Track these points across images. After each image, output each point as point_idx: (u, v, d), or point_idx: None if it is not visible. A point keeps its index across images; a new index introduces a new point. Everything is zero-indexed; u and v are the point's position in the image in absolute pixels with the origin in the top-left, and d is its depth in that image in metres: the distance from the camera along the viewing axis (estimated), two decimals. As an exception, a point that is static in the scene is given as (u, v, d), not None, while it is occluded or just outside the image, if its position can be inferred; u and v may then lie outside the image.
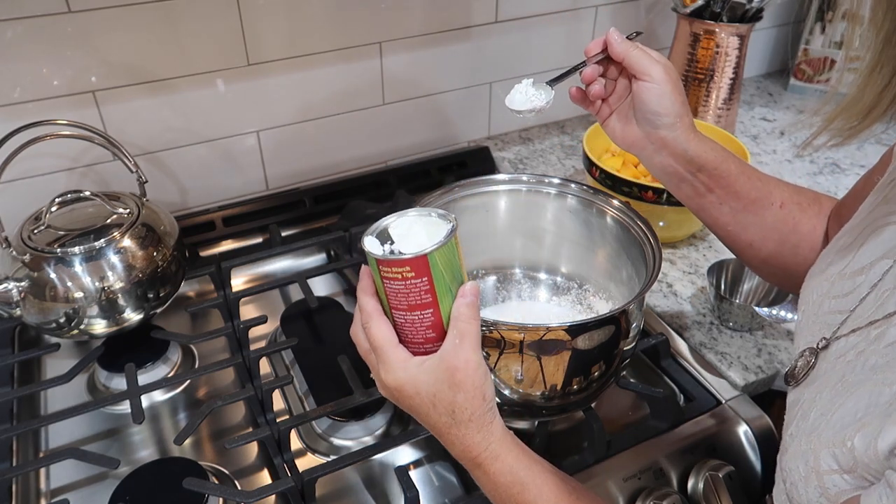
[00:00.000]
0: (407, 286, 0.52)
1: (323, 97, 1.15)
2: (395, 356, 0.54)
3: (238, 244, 1.10)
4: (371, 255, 0.53)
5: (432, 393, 0.53)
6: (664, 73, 0.67)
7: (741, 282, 0.95)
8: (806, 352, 0.53)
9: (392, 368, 0.54)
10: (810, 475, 0.44)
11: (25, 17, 0.90)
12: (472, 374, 0.52)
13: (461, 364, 0.52)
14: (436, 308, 0.53)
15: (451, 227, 0.53)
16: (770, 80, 1.62)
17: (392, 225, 0.56)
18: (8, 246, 0.83)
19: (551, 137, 1.38)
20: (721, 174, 0.70)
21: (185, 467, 0.75)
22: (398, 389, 0.54)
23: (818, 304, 0.55)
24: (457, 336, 0.53)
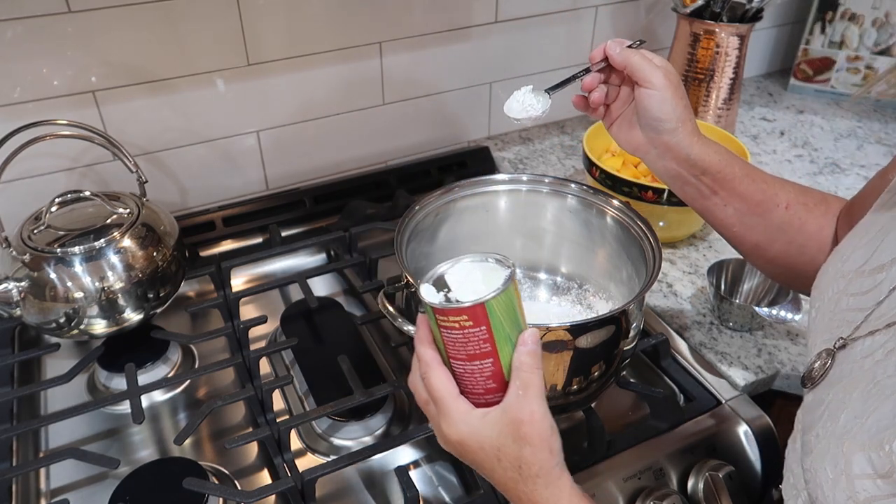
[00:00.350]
0: (465, 335, 0.50)
1: (323, 97, 1.15)
2: (456, 408, 0.52)
3: (238, 244, 1.10)
4: (427, 303, 0.51)
5: (497, 447, 0.51)
6: (665, 78, 0.67)
7: (741, 282, 0.95)
8: (822, 353, 0.53)
9: (454, 421, 0.52)
10: (839, 478, 0.44)
11: (25, 17, 0.90)
12: (539, 427, 0.50)
13: (526, 417, 0.50)
14: (496, 357, 0.51)
15: (508, 274, 0.51)
16: (770, 80, 1.62)
17: (448, 272, 0.53)
18: (8, 246, 0.83)
19: (551, 137, 1.38)
20: (725, 177, 0.70)
21: (185, 467, 0.75)
22: (461, 443, 0.52)
23: (835, 302, 0.55)
24: (520, 387, 0.51)
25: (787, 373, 0.86)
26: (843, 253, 0.58)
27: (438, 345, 0.53)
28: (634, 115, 0.71)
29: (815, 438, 0.49)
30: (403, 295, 0.77)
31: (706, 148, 0.70)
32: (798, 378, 0.85)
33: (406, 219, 0.78)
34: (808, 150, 1.34)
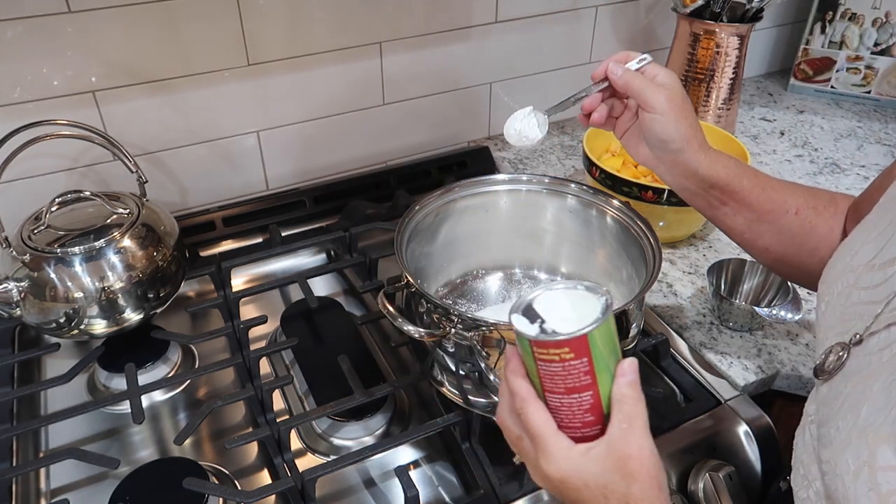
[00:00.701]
0: (565, 368, 0.47)
1: (323, 97, 1.15)
2: (556, 445, 0.49)
3: (238, 244, 1.10)
4: (523, 335, 0.48)
5: (603, 485, 0.48)
6: (667, 102, 0.67)
7: (741, 282, 0.95)
8: (836, 346, 0.53)
9: (555, 458, 0.49)
10: (861, 470, 0.44)
11: (25, 17, 0.90)
12: (647, 463, 0.48)
13: (634, 452, 0.48)
14: (595, 389, 0.49)
15: (605, 302, 0.49)
16: (770, 80, 1.62)
17: (536, 300, 0.51)
18: (8, 246, 0.83)
19: (551, 137, 1.38)
20: (734, 189, 0.71)
21: (185, 467, 0.75)
22: (563, 481, 0.49)
23: (845, 296, 0.55)
24: (623, 420, 0.48)
25: (787, 373, 0.86)
26: (850, 247, 0.58)
27: (532, 378, 0.50)
28: (640, 132, 0.72)
29: (834, 431, 0.48)
30: (403, 295, 0.77)
31: (714, 163, 0.70)
32: (798, 378, 0.85)
33: (406, 219, 0.78)
34: (808, 150, 1.34)
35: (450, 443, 0.80)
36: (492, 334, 0.65)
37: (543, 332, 0.48)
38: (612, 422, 0.49)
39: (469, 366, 0.69)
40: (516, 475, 0.76)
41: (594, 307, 0.49)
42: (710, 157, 0.70)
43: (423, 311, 0.71)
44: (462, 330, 0.66)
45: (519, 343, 0.50)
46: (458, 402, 0.75)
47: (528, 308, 0.50)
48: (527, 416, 0.50)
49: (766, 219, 0.71)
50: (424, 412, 0.85)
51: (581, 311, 0.49)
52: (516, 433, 0.53)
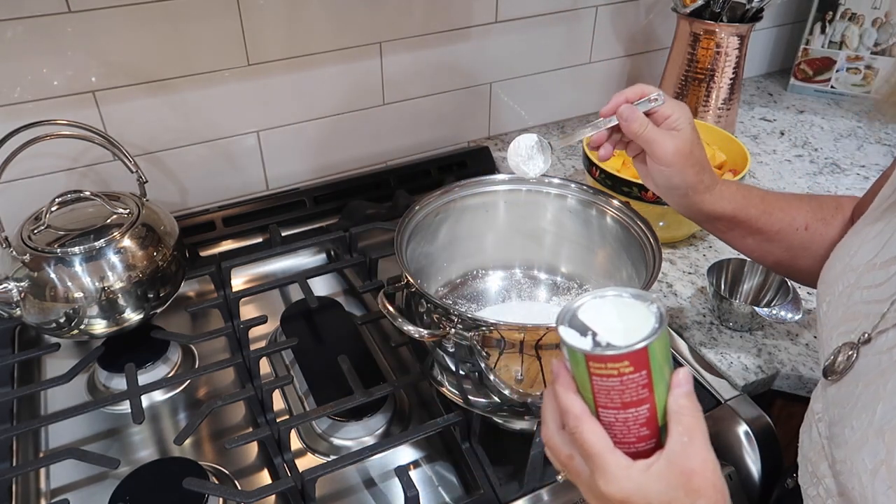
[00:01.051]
0: (623, 382, 0.45)
1: (323, 97, 1.15)
2: (615, 463, 0.47)
3: (238, 244, 1.10)
4: (576, 350, 0.45)
5: (666, 502, 0.46)
6: (674, 154, 0.68)
7: (741, 282, 0.95)
8: (845, 346, 0.52)
9: (615, 477, 0.47)
10: (879, 468, 0.44)
11: (25, 17, 0.90)
12: (712, 477, 0.46)
13: (698, 466, 0.46)
14: (652, 402, 0.46)
15: (658, 310, 0.46)
16: (770, 80, 1.62)
17: (581, 310, 0.48)
18: (8, 246, 0.83)
19: (551, 137, 1.37)
20: (740, 220, 0.72)
21: (185, 467, 0.75)
22: (624, 501, 0.47)
23: (847, 295, 0.55)
24: (684, 433, 0.46)
25: (787, 373, 0.86)
26: (849, 248, 0.58)
27: (584, 393, 0.48)
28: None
29: (849, 431, 0.48)
30: (403, 295, 0.77)
31: (719, 199, 0.71)
32: (798, 378, 0.85)
33: (406, 219, 0.78)
34: (808, 150, 1.34)
35: (450, 443, 0.80)
36: (492, 334, 0.65)
37: (598, 346, 0.45)
38: (670, 435, 0.46)
39: (469, 366, 0.69)
40: (516, 475, 0.76)
41: (644, 315, 0.46)
42: (715, 194, 0.71)
43: (423, 311, 0.71)
44: (462, 330, 0.66)
45: (570, 357, 0.47)
46: (458, 402, 0.75)
47: (573, 319, 0.48)
48: (583, 434, 0.47)
49: (776, 238, 0.72)
50: (424, 412, 0.85)
51: (629, 320, 0.46)
52: (566, 452, 0.50)
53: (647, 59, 1.44)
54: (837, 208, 0.72)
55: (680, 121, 0.69)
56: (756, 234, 0.73)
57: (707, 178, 0.70)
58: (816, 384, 0.85)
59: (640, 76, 1.46)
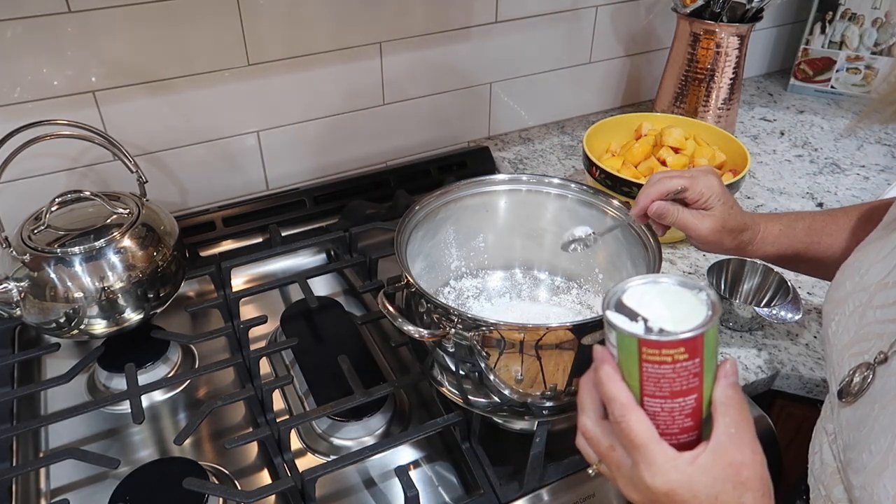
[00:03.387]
0: (675, 370, 0.44)
1: (323, 97, 1.15)
2: (662, 454, 0.45)
3: (238, 244, 1.10)
4: (629, 335, 0.44)
5: (714, 495, 0.45)
6: (711, 233, 0.71)
7: (741, 282, 0.95)
8: (861, 367, 0.51)
9: (662, 469, 0.45)
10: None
11: (25, 17, 0.90)
12: (760, 470, 0.45)
13: (747, 458, 0.45)
14: (700, 392, 0.45)
15: (708, 297, 0.45)
16: (770, 80, 1.62)
17: (626, 295, 0.47)
18: (8, 246, 0.83)
19: (551, 137, 1.38)
20: (788, 255, 0.75)
21: (185, 467, 0.75)
22: (669, 494, 0.45)
23: (859, 315, 0.54)
24: (731, 424, 0.45)
25: (787, 373, 0.86)
26: (857, 267, 0.57)
27: (630, 381, 0.46)
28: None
29: (867, 456, 0.47)
30: (403, 295, 0.77)
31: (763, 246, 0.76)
32: (798, 378, 0.85)
33: (406, 219, 0.78)
34: (808, 150, 1.34)
35: (450, 443, 0.80)
36: (492, 334, 0.65)
37: (651, 331, 0.44)
38: (717, 426, 0.45)
39: (469, 366, 0.69)
40: (516, 475, 0.76)
41: (691, 303, 0.45)
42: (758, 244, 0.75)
43: (423, 311, 0.71)
44: (462, 330, 0.66)
45: (619, 343, 0.45)
46: (458, 402, 0.75)
47: (619, 304, 0.46)
48: (629, 423, 0.46)
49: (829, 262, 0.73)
50: (424, 412, 0.85)
51: (676, 307, 0.45)
52: (607, 443, 0.49)
53: (647, 59, 1.44)
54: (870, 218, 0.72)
55: (711, 199, 0.71)
56: (807, 262, 0.76)
57: (748, 236, 0.74)
58: (817, 386, 0.85)
59: (640, 76, 1.46)
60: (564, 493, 0.74)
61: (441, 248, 0.86)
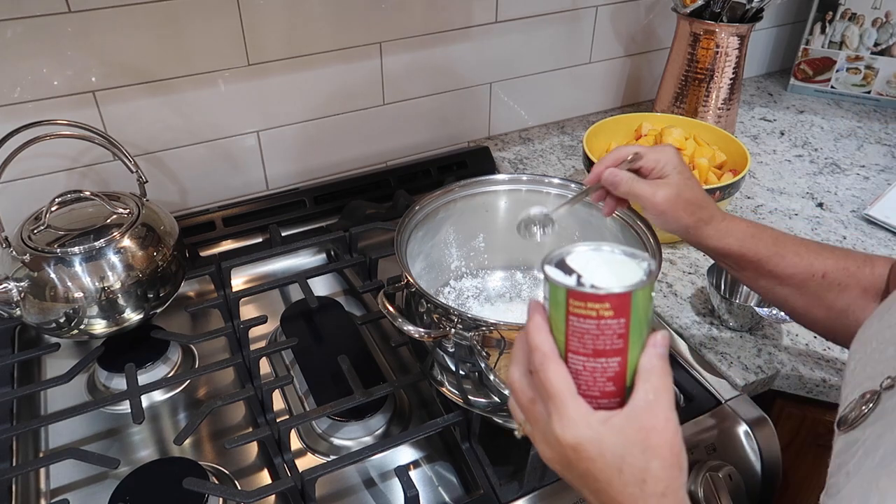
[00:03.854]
0: (599, 327, 0.44)
1: (323, 97, 1.15)
2: (576, 408, 0.45)
3: (238, 244, 1.10)
4: (558, 284, 0.44)
5: (620, 456, 0.44)
6: (664, 202, 0.69)
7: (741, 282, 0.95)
8: (867, 394, 0.49)
9: (572, 422, 0.45)
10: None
11: (25, 17, 0.90)
12: (672, 439, 0.45)
13: (659, 424, 0.45)
14: (624, 357, 0.45)
15: (648, 266, 0.45)
16: (770, 80, 1.62)
17: (570, 256, 0.47)
18: (8, 246, 0.83)
19: (551, 137, 1.38)
20: (749, 259, 0.71)
21: (185, 467, 0.75)
22: (576, 448, 0.46)
23: (880, 351, 0.52)
24: (650, 391, 0.45)
25: (787, 373, 0.86)
26: (888, 307, 0.55)
27: (557, 335, 0.46)
28: None
29: (844, 477, 0.46)
30: (403, 295, 0.77)
31: (725, 236, 0.70)
32: (798, 378, 0.85)
33: (406, 219, 0.78)
34: (808, 151, 1.34)
35: (450, 443, 0.80)
36: (492, 334, 0.65)
37: (581, 285, 0.44)
38: (636, 391, 0.45)
39: (469, 366, 0.69)
40: (516, 475, 0.76)
41: (634, 271, 0.45)
42: (721, 230, 0.71)
43: (423, 311, 0.71)
44: (462, 330, 0.66)
45: (550, 295, 0.46)
46: (458, 402, 0.75)
47: (561, 262, 0.46)
48: (546, 373, 0.46)
49: (789, 282, 0.70)
50: (424, 412, 0.85)
51: (618, 273, 0.45)
52: (529, 395, 0.49)
53: (647, 59, 1.44)
54: (866, 262, 0.68)
55: (666, 167, 0.70)
56: (767, 276, 0.71)
57: (705, 214, 0.71)
58: (817, 386, 0.85)
59: (640, 76, 1.46)
60: (564, 493, 0.74)
61: (441, 248, 0.86)
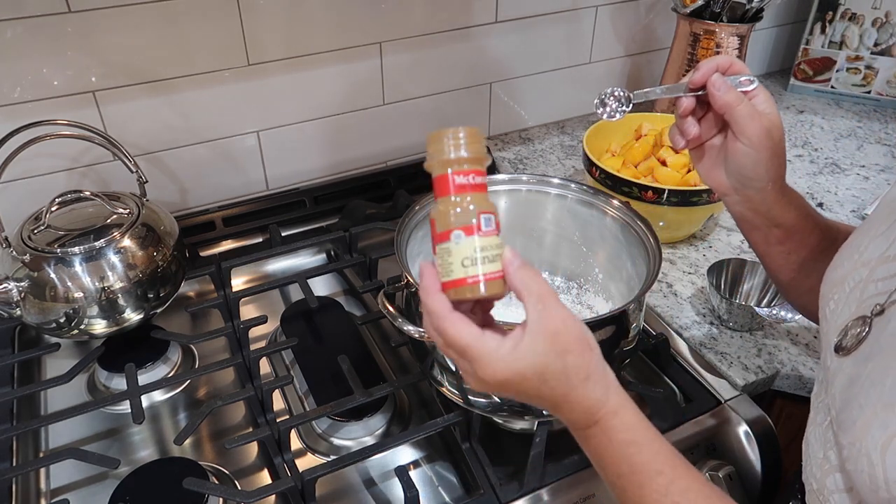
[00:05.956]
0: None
1: (323, 97, 1.15)
2: (485, 350, 0.48)
3: (238, 244, 1.10)
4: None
5: (540, 371, 0.48)
6: (765, 138, 0.62)
7: (741, 282, 0.95)
8: (858, 320, 0.50)
9: (488, 364, 0.48)
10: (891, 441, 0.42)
11: (25, 17, 0.90)
12: (575, 331, 0.49)
13: (559, 326, 0.48)
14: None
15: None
16: (770, 80, 1.62)
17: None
18: (8, 246, 0.83)
19: (551, 137, 1.38)
20: (798, 231, 0.68)
21: (185, 467, 0.75)
22: (504, 384, 0.49)
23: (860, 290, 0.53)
24: (537, 302, 0.48)
25: (787, 373, 0.86)
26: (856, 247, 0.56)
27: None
28: (722, 158, 0.66)
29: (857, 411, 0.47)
30: (403, 295, 0.77)
31: (788, 205, 0.67)
32: (798, 378, 0.85)
33: (406, 219, 0.78)
34: (808, 150, 1.34)
35: (450, 443, 0.80)
36: (492, 334, 0.65)
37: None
38: (526, 307, 0.48)
39: (469, 366, 0.69)
40: (516, 475, 0.76)
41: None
42: (786, 199, 0.67)
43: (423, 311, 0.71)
44: (462, 330, 0.66)
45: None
46: (458, 402, 0.75)
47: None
48: (446, 333, 0.49)
49: (820, 257, 0.68)
50: (424, 412, 0.85)
51: None
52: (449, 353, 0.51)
53: (647, 59, 1.44)
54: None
55: (771, 108, 0.63)
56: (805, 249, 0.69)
57: (784, 175, 0.66)
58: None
59: (640, 76, 1.46)
60: (564, 493, 0.74)
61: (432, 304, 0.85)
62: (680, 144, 0.68)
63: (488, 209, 0.48)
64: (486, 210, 0.48)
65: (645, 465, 0.51)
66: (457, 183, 0.48)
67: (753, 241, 0.72)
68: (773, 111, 0.63)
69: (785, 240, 0.69)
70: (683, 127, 0.66)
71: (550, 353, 0.48)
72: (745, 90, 0.63)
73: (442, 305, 0.49)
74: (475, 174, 0.48)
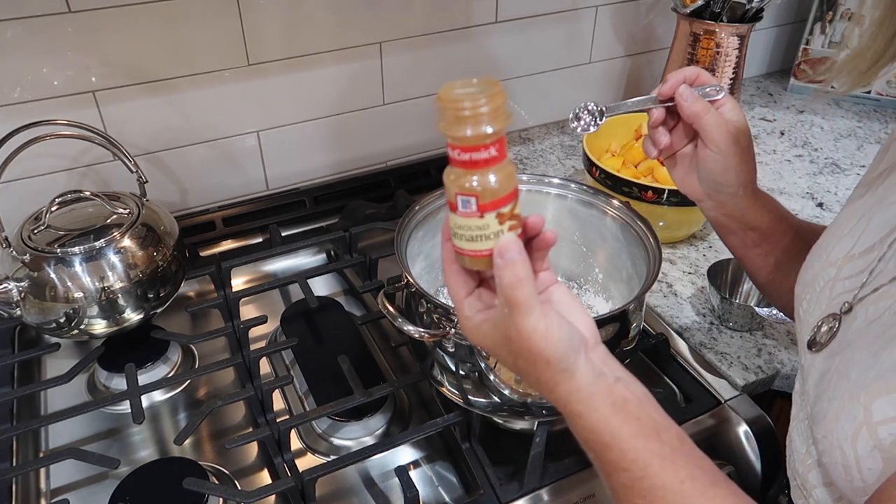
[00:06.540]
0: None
1: (323, 97, 1.15)
2: (460, 314, 0.52)
3: (238, 244, 1.10)
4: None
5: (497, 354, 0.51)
6: (733, 144, 0.64)
7: (741, 282, 0.95)
8: (829, 317, 0.52)
9: (461, 323, 0.52)
10: (860, 430, 0.43)
11: (25, 17, 0.90)
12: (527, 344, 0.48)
13: (513, 335, 0.48)
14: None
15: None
16: (770, 80, 1.62)
17: None
18: (8, 246, 0.83)
19: (551, 137, 1.38)
20: (773, 234, 0.70)
21: (185, 467, 0.75)
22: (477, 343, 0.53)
23: (829, 289, 0.54)
24: (505, 305, 0.48)
25: (787, 373, 0.86)
26: (825, 247, 0.58)
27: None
28: (694, 164, 0.68)
29: (827, 403, 0.48)
30: (403, 295, 0.77)
31: (761, 210, 0.68)
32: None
33: (406, 219, 0.78)
34: (808, 150, 1.34)
35: (450, 443, 0.80)
36: (492, 334, 0.65)
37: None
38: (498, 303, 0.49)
39: (469, 366, 0.69)
40: (516, 475, 0.76)
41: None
42: (759, 203, 0.68)
43: (423, 311, 0.71)
44: (462, 330, 0.66)
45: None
46: (458, 402, 0.75)
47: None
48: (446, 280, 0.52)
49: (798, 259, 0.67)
50: (424, 412, 0.85)
51: None
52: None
53: (647, 59, 1.44)
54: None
55: (737, 115, 0.66)
56: (781, 252, 0.70)
57: (754, 179, 0.68)
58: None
59: (640, 76, 1.46)
60: (564, 493, 0.74)
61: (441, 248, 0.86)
62: (652, 154, 0.69)
63: (469, 192, 0.46)
64: (466, 192, 0.46)
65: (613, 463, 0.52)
66: (450, 156, 0.47)
67: (731, 245, 0.73)
68: (739, 118, 0.65)
69: (761, 242, 0.70)
70: (655, 137, 0.68)
71: (502, 349, 0.50)
72: (712, 99, 0.65)
73: (446, 255, 0.52)
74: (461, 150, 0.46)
